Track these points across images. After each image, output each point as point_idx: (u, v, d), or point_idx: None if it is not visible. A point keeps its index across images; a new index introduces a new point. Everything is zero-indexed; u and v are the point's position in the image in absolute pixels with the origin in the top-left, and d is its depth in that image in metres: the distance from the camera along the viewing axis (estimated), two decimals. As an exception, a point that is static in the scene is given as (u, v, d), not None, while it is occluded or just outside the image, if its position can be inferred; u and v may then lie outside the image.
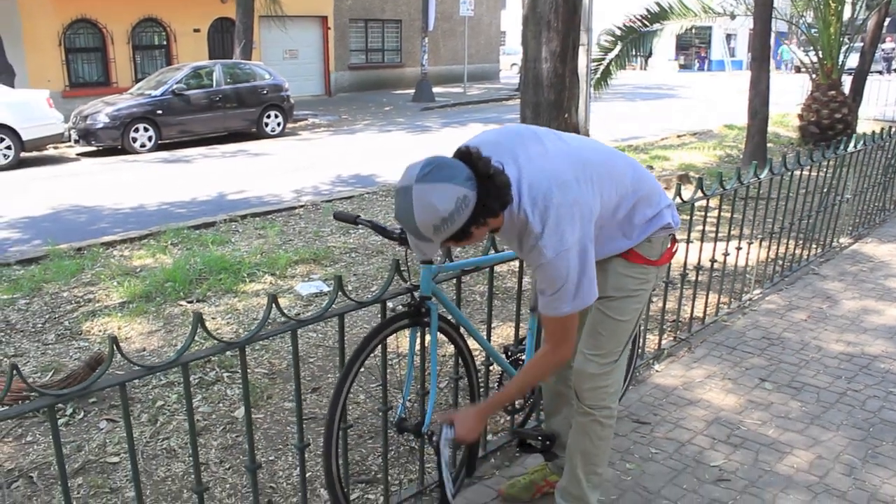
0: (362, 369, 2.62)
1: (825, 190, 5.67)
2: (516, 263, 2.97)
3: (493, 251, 2.93)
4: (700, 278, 4.55)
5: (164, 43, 19.28)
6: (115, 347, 1.91)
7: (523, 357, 3.02)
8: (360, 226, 2.64)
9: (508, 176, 2.01)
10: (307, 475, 2.83)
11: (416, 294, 2.54)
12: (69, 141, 12.99)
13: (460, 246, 2.22)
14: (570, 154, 2.18)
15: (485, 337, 2.93)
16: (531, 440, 2.85)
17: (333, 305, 2.42)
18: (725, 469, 3.02)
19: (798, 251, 5.59)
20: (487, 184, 1.94)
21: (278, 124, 15.00)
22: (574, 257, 2.06)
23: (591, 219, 2.12)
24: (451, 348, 3.03)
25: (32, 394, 3.37)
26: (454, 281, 2.90)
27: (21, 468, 3.15)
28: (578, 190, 2.09)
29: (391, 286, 2.58)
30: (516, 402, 3.14)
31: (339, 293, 2.40)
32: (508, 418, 3.25)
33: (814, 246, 5.79)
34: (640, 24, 11.05)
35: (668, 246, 2.47)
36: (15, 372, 1.78)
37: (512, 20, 37.01)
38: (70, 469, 3.11)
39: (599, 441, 2.49)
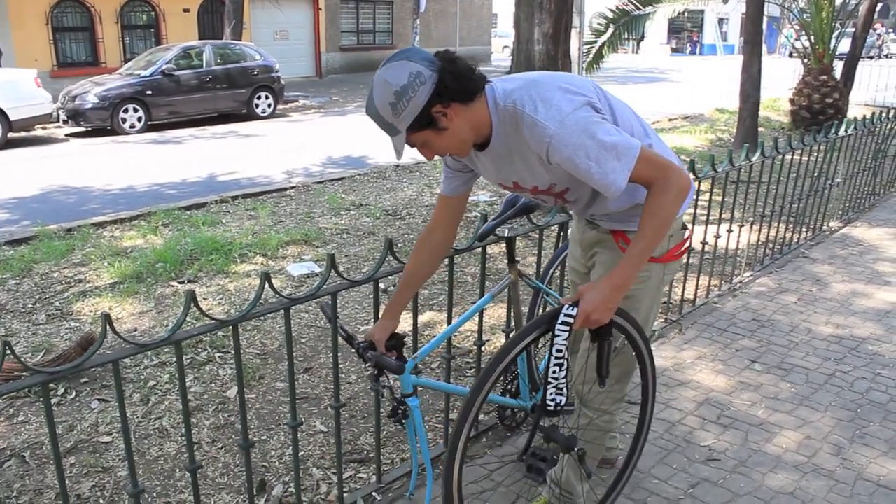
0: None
1: (816, 174, 5.69)
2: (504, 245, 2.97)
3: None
4: (691, 261, 4.57)
5: (154, 23, 19.09)
6: (107, 325, 1.90)
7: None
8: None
9: (482, 75, 1.90)
10: (300, 454, 2.84)
11: (397, 395, 2.36)
12: (57, 121, 12.89)
13: (439, 151, 1.96)
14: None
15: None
16: (542, 461, 2.83)
17: (326, 285, 2.42)
18: (715, 449, 3.05)
19: (788, 234, 5.62)
20: (448, 66, 1.82)
21: (269, 105, 14.91)
22: (581, 118, 1.85)
23: (591, 105, 1.90)
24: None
25: (24, 373, 3.37)
26: (447, 262, 2.90)
27: (13, 448, 3.15)
28: (575, 83, 1.95)
29: (383, 266, 2.57)
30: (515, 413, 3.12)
31: (332, 272, 2.39)
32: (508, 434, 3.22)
33: (804, 229, 5.82)
34: (632, 6, 11.02)
35: (678, 242, 2.27)
36: (8, 351, 1.77)
37: (504, 3, 36.79)
38: (62, 448, 3.10)
39: (594, 442, 2.46)
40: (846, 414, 3.33)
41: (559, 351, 1.99)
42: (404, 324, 4.27)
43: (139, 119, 12.95)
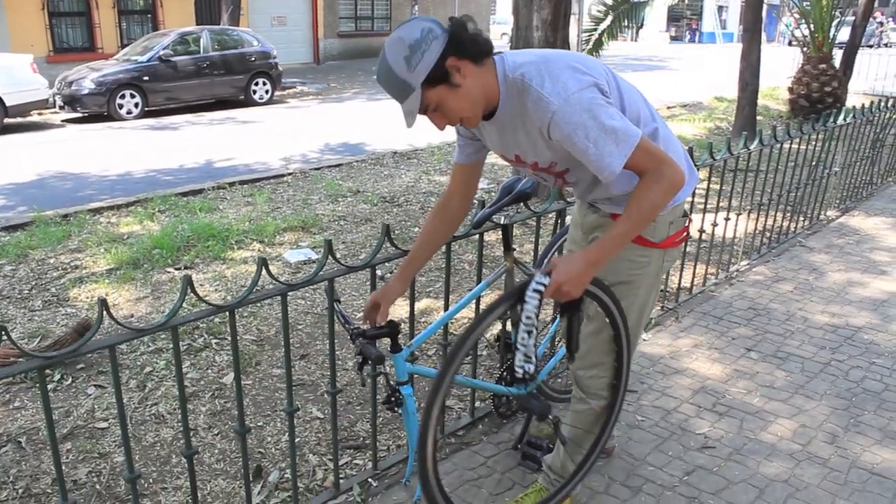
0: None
1: (813, 163, 5.68)
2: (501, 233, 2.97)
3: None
4: (688, 249, 4.56)
5: (151, 8, 18.98)
6: (104, 311, 1.90)
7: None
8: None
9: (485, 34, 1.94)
10: (296, 440, 2.84)
11: (392, 382, 2.39)
12: (54, 107, 12.83)
13: (450, 115, 1.95)
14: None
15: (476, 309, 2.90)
16: (537, 450, 2.84)
17: (322, 271, 2.42)
18: (710, 437, 3.06)
19: (785, 223, 5.62)
20: (460, 29, 1.86)
21: (266, 92, 14.86)
22: (585, 98, 1.86)
23: (598, 87, 1.91)
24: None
25: (20, 359, 3.37)
26: (444, 249, 2.89)
27: (9, 433, 3.15)
28: (586, 63, 1.97)
29: (381, 252, 2.57)
30: (512, 403, 3.13)
31: (329, 258, 2.39)
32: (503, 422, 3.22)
33: (801, 218, 5.82)
34: (632, -6, 10.97)
35: (679, 229, 2.26)
36: (4, 336, 1.77)
37: (503, -11, 36.65)
38: (59, 434, 3.11)
39: (591, 427, 2.47)
40: (841, 402, 3.34)
41: (528, 318, 2.00)
42: (401, 311, 4.28)
43: (136, 105, 12.90)
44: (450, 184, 2.39)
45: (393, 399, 2.38)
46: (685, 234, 2.33)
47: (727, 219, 4.78)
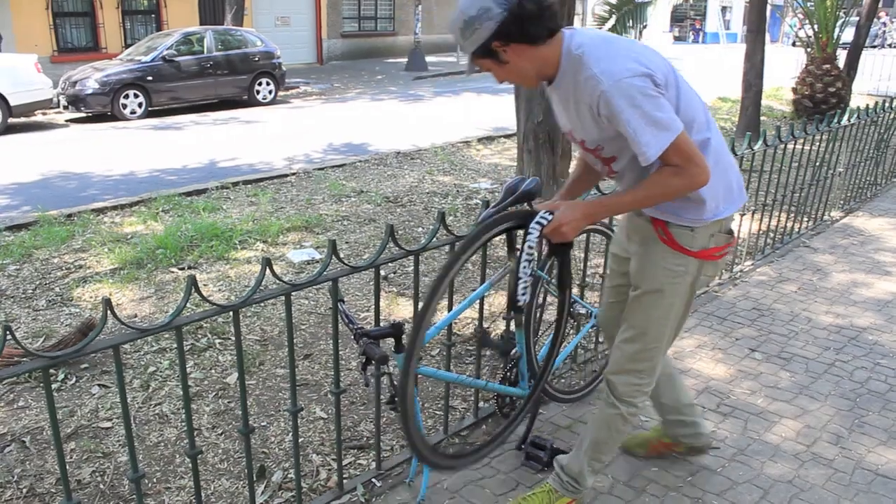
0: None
1: (817, 163, 5.67)
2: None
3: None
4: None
5: (155, 8, 19.02)
6: (108, 310, 1.90)
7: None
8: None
9: (555, 10, 2.03)
10: (300, 440, 2.84)
11: (395, 382, 2.34)
12: (58, 107, 12.85)
13: (499, 79, 2.13)
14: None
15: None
16: (541, 450, 2.84)
17: (326, 271, 2.41)
18: (715, 437, 3.05)
19: (790, 224, 5.61)
20: (516, 9, 1.95)
21: (270, 92, 14.87)
22: (635, 85, 1.93)
23: (651, 78, 1.97)
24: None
25: (25, 358, 3.37)
26: (447, 248, 2.89)
27: (13, 433, 3.15)
28: (645, 55, 2.03)
29: (384, 252, 2.57)
30: (511, 399, 3.13)
31: (333, 258, 2.39)
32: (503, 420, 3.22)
33: (805, 219, 5.81)
34: (636, -6, 10.94)
35: (720, 245, 2.27)
36: (8, 336, 1.77)
37: (506, -11, 36.58)
38: (62, 434, 3.11)
39: (616, 434, 2.45)
40: (845, 403, 3.33)
41: (530, 247, 2.19)
42: (404, 311, 4.28)
43: (140, 105, 12.92)
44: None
45: (396, 399, 2.37)
46: (725, 251, 2.31)
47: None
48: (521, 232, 2.28)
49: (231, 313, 2.24)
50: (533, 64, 2.06)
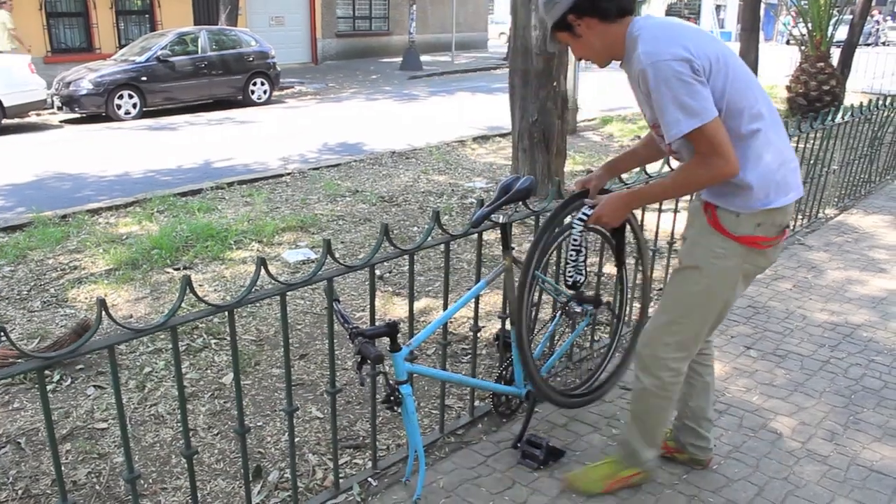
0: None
1: (812, 161, 5.69)
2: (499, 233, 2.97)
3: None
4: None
5: (148, 8, 18.97)
6: (103, 311, 1.90)
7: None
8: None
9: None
10: (295, 440, 2.84)
11: (391, 381, 2.44)
12: (52, 108, 12.79)
13: (576, 54, 2.34)
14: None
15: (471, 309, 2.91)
16: (537, 448, 2.84)
17: (321, 270, 2.41)
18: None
19: (784, 221, 5.61)
20: None
21: (264, 92, 14.84)
22: (671, 69, 2.06)
23: (690, 64, 2.07)
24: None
25: (19, 359, 3.36)
26: (442, 247, 2.89)
27: (9, 434, 3.15)
28: (694, 41, 2.12)
29: (379, 251, 2.57)
30: (511, 402, 3.15)
31: (328, 258, 2.39)
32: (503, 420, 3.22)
33: (800, 216, 5.82)
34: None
35: (766, 235, 2.28)
36: (3, 337, 1.76)
37: (501, -11, 36.59)
38: (58, 435, 3.10)
39: (651, 408, 2.52)
40: (840, 400, 3.34)
41: (575, 240, 2.51)
42: (399, 311, 4.29)
43: (134, 105, 12.88)
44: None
45: (392, 398, 2.38)
46: (773, 242, 2.31)
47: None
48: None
49: (226, 313, 2.24)
50: (603, 41, 2.24)
